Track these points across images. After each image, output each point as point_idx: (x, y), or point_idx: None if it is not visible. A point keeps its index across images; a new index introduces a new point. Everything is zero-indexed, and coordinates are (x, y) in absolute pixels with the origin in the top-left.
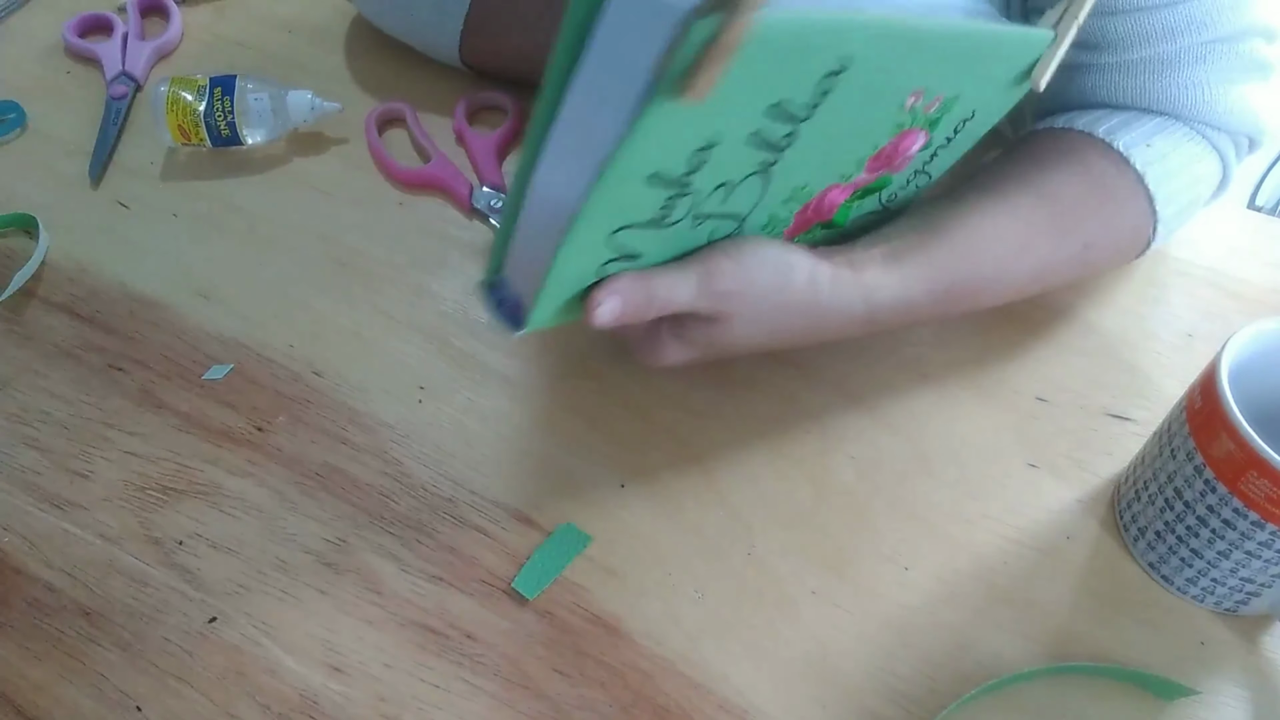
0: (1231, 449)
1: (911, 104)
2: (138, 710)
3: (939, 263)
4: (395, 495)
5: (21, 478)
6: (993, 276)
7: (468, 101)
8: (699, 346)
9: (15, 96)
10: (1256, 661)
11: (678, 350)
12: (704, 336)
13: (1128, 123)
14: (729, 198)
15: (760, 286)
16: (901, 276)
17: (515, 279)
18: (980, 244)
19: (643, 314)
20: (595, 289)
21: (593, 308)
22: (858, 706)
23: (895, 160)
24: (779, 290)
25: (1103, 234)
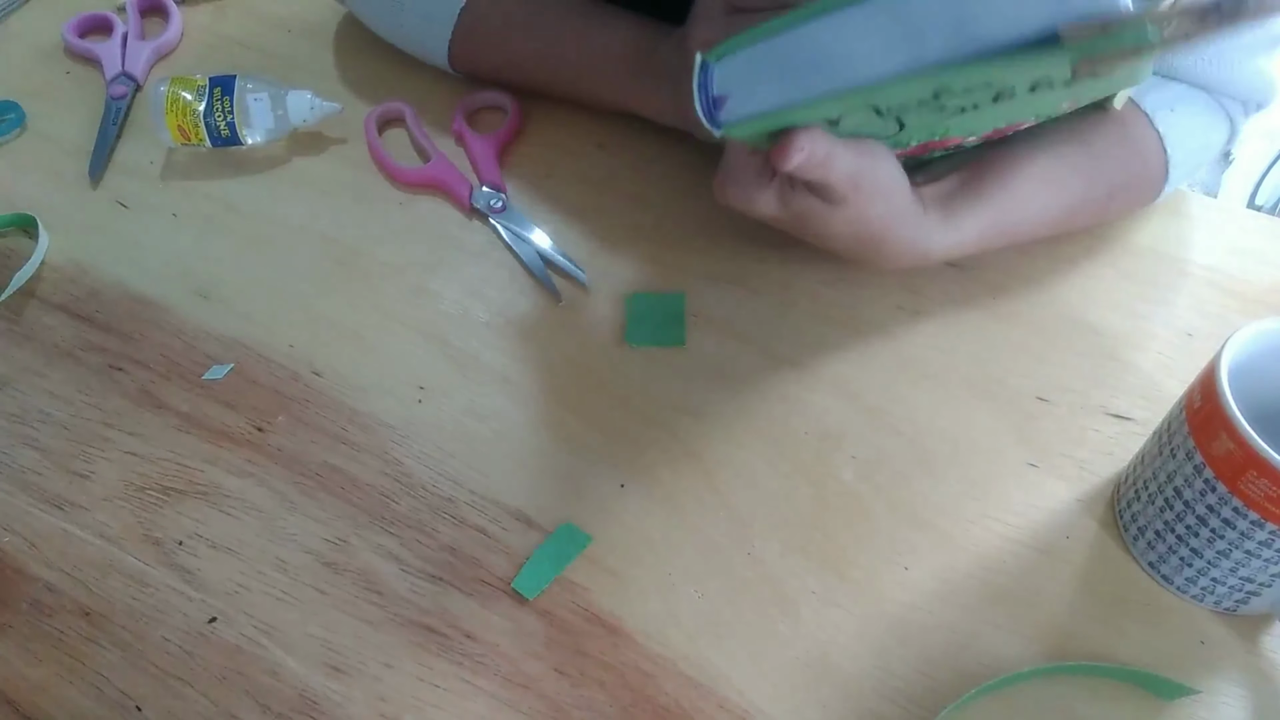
0: (1231, 448)
1: (1064, 108)
2: (138, 710)
3: (990, 212)
4: (395, 495)
5: (21, 478)
6: (1032, 217)
7: (468, 101)
8: (792, 213)
9: (15, 96)
10: (1256, 661)
11: (772, 203)
12: (807, 206)
13: (1154, 86)
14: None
15: (883, 192)
16: (957, 221)
17: (733, 79)
18: (1024, 185)
19: (808, 171)
20: (794, 132)
21: (795, 150)
22: (858, 706)
23: (999, 136)
24: (887, 202)
25: (1125, 184)
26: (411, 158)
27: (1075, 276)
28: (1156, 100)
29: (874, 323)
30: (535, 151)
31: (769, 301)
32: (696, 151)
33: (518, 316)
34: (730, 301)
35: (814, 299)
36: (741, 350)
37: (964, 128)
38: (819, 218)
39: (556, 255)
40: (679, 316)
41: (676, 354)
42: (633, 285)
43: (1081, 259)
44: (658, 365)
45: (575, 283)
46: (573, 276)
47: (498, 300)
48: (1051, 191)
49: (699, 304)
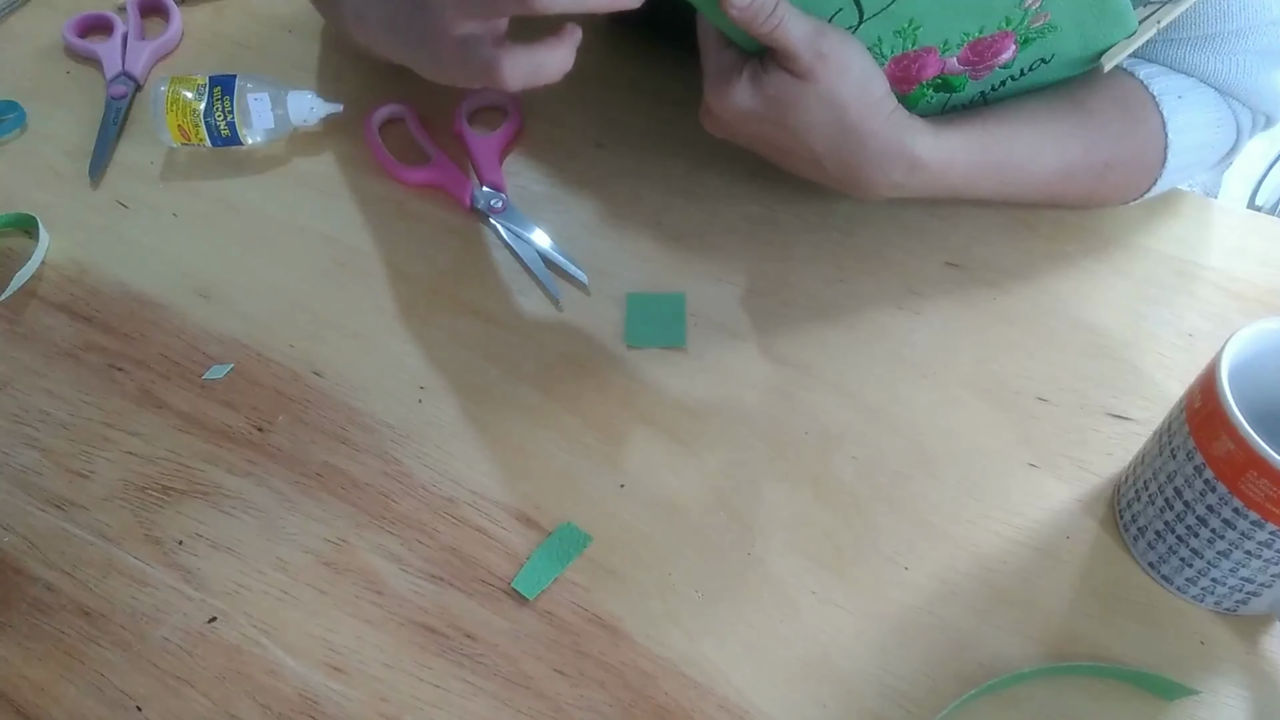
0: (1231, 449)
1: (1027, 4)
2: (138, 710)
3: (982, 133)
4: (395, 495)
5: (21, 478)
6: (1025, 162)
7: (468, 101)
8: (767, 99)
9: (15, 96)
10: (1256, 661)
11: (747, 96)
12: (779, 88)
13: (1165, 73)
14: None
15: (851, 70)
16: (950, 135)
17: None
18: (1020, 128)
19: (760, 22)
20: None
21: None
22: (858, 706)
23: (984, 60)
24: (860, 86)
25: (1123, 160)
26: (411, 158)
27: (1075, 276)
28: (1166, 86)
29: (874, 323)
30: (535, 151)
31: (769, 301)
32: (697, 151)
33: (518, 316)
34: (730, 301)
35: (814, 299)
36: (741, 350)
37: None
38: (793, 100)
39: (556, 255)
40: (679, 316)
41: (676, 354)
42: (633, 285)
43: (1082, 259)
44: (658, 365)
45: (575, 283)
46: (573, 276)
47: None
48: (1048, 144)
49: (699, 304)
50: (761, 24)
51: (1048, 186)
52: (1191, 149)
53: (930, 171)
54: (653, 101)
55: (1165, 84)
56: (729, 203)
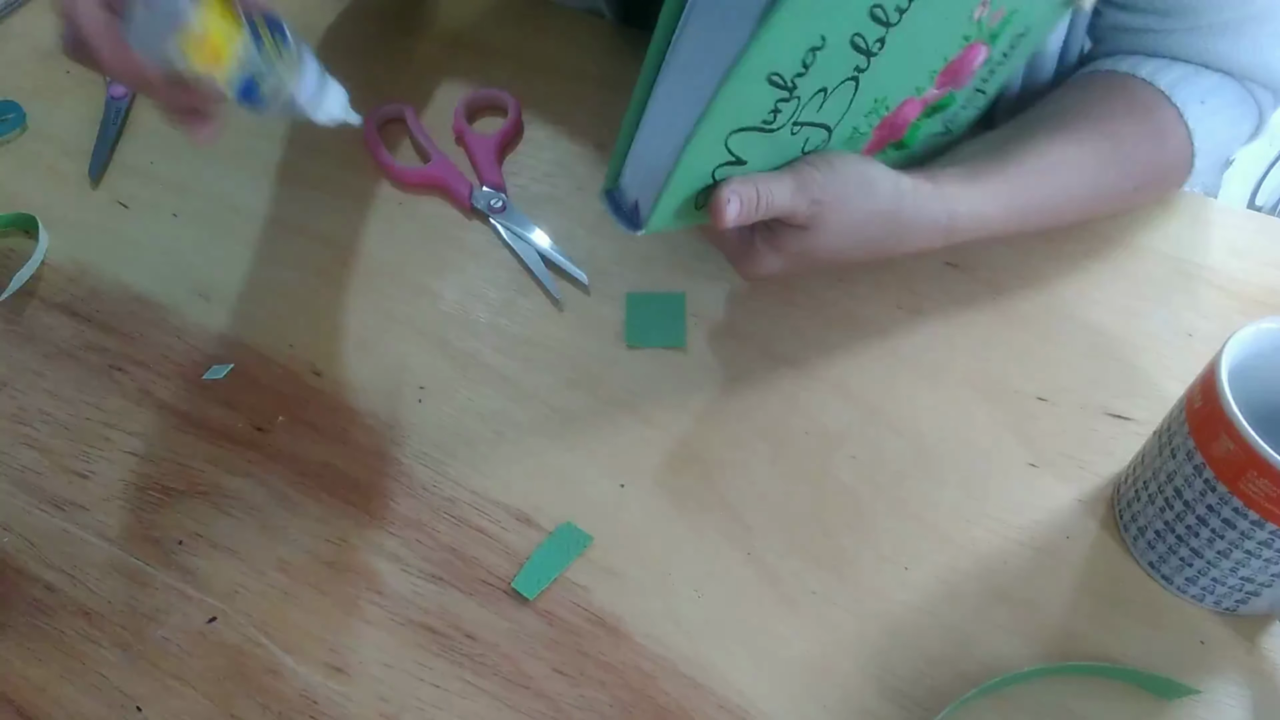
0: (1231, 449)
1: (979, 15)
2: (138, 710)
3: (1014, 183)
4: (395, 495)
5: (21, 478)
6: (1059, 200)
7: (468, 101)
8: (791, 255)
9: (15, 96)
10: (1256, 661)
11: (772, 259)
12: (796, 244)
13: (1187, 78)
14: (824, 104)
15: (849, 193)
16: (980, 192)
17: (632, 186)
18: (1050, 170)
19: (752, 214)
20: (716, 191)
21: (721, 207)
22: (858, 706)
23: (961, 75)
24: (866, 198)
25: (1150, 178)
26: (411, 158)
27: (1075, 276)
28: (1188, 94)
29: (874, 323)
30: (535, 151)
31: (769, 301)
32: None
33: (518, 316)
34: (730, 301)
35: (814, 299)
36: (741, 350)
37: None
38: (814, 246)
39: (556, 255)
40: (679, 316)
41: (676, 354)
42: (633, 285)
43: (1082, 259)
44: (658, 365)
45: (575, 283)
46: (573, 276)
47: (498, 300)
48: (1077, 181)
49: (699, 304)
50: (756, 214)
51: (1082, 214)
52: (1217, 147)
53: (972, 222)
54: None
55: (1188, 92)
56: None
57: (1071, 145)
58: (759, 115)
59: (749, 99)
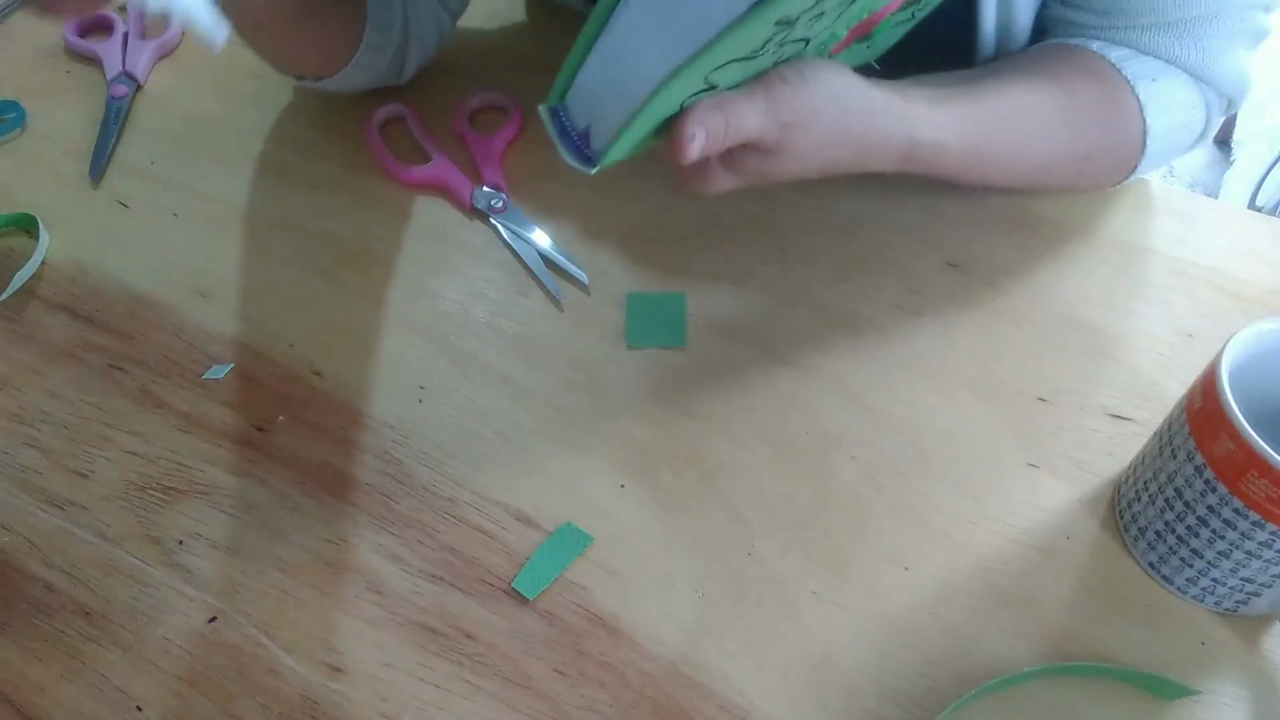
0: (1231, 449)
1: None
2: (138, 710)
3: (977, 117)
4: (395, 495)
5: (21, 478)
6: (1016, 149)
7: (468, 101)
8: (749, 176)
9: (15, 96)
10: (1256, 661)
11: (726, 179)
12: (757, 167)
13: (1136, 56)
14: (814, 25)
15: (821, 112)
16: (944, 117)
17: (581, 109)
18: (1013, 114)
19: (719, 145)
20: (679, 123)
21: (685, 142)
22: (858, 706)
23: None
24: (837, 117)
25: (1105, 146)
26: (411, 158)
27: (1075, 276)
28: (1138, 70)
29: (874, 323)
30: (535, 151)
31: (769, 301)
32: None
33: (518, 316)
34: (730, 301)
35: (814, 299)
36: (741, 350)
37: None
38: (776, 171)
39: (556, 255)
40: (679, 316)
41: (676, 354)
42: (633, 285)
43: (1082, 259)
44: (658, 365)
45: (575, 283)
46: (573, 276)
47: (498, 300)
48: (1038, 135)
49: (699, 304)
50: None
51: (1031, 176)
52: (1168, 132)
53: (930, 151)
54: None
55: (1138, 68)
56: (729, 203)
57: (1033, 93)
58: (748, 49)
59: (747, 40)
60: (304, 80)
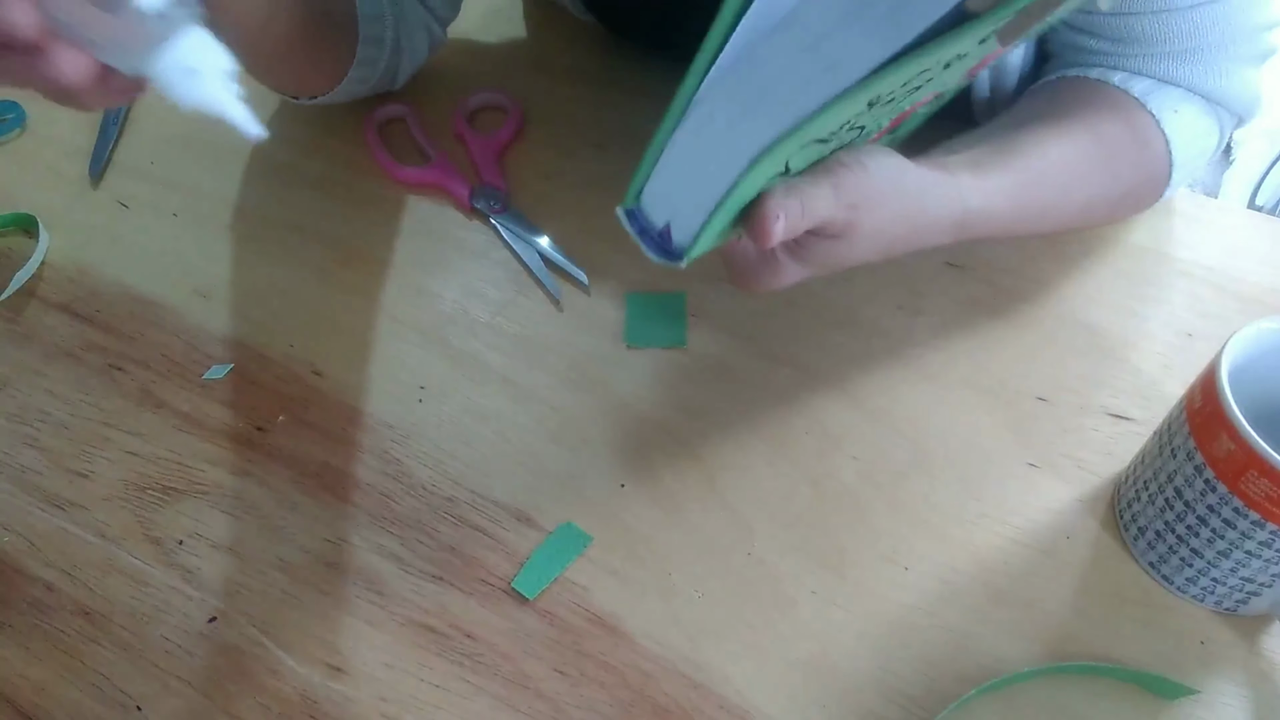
0: (1231, 449)
1: None
2: (138, 710)
3: (1019, 177)
4: (395, 495)
5: (21, 478)
6: (1057, 201)
7: (468, 101)
8: (817, 266)
9: (15, 96)
10: (1256, 661)
11: (795, 271)
12: (826, 254)
13: (1158, 87)
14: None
15: (883, 193)
16: (989, 184)
17: (659, 205)
18: (1051, 168)
19: (796, 228)
20: (759, 208)
21: (768, 226)
22: (858, 706)
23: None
24: (897, 197)
25: (1137, 184)
26: (412, 158)
27: (1075, 276)
28: (1162, 103)
29: (874, 323)
30: (535, 151)
31: (769, 301)
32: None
33: (518, 316)
34: (730, 301)
35: (814, 299)
36: (741, 350)
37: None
38: (845, 255)
39: (556, 255)
40: (679, 316)
41: (676, 354)
42: (633, 285)
43: (1081, 259)
44: (658, 365)
45: (575, 283)
46: (573, 276)
47: (498, 300)
48: (1075, 184)
49: (699, 304)
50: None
51: (1070, 221)
52: (1192, 158)
53: (981, 217)
54: (652, 102)
55: (1161, 100)
56: None
57: (1066, 144)
58: (833, 128)
59: (839, 116)
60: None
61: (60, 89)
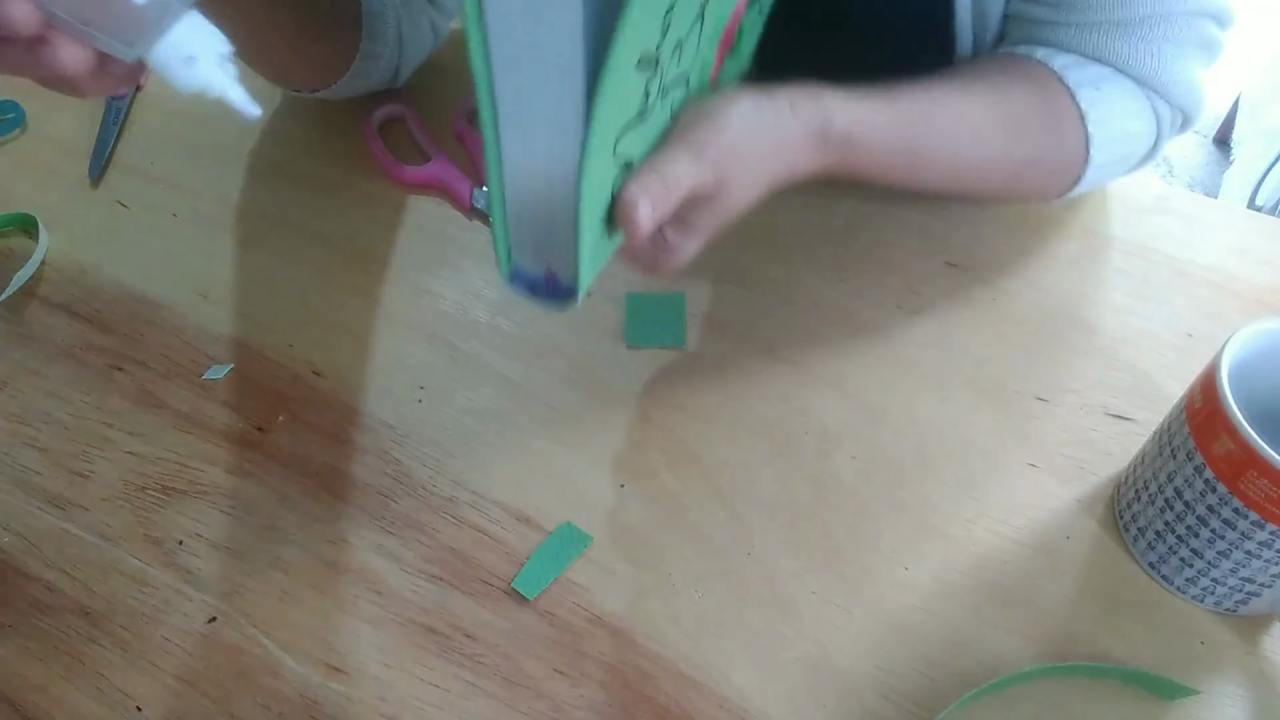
0: (1231, 449)
1: None
2: (138, 710)
3: (897, 110)
4: (395, 495)
5: (21, 478)
6: (944, 149)
7: (468, 101)
8: (706, 230)
9: (15, 96)
10: (1256, 661)
11: (688, 241)
12: (707, 217)
13: (1081, 64)
14: (681, 56)
15: (741, 138)
16: (862, 110)
17: (530, 257)
18: (940, 113)
19: (666, 205)
20: (619, 203)
21: (632, 211)
22: (857, 706)
23: None
24: (757, 135)
25: (1043, 153)
26: (411, 158)
27: (1075, 276)
28: (1081, 78)
29: (874, 323)
30: None
31: (769, 301)
32: None
33: (518, 316)
34: (730, 301)
35: (814, 299)
36: (741, 350)
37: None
38: (724, 211)
39: None
40: (679, 316)
41: (676, 354)
42: (633, 285)
43: (1081, 259)
44: (658, 365)
45: None
46: None
47: (498, 300)
48: (967, 137)
49: (699, 304)
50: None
51: (963, 180)
52: (1113, 141)
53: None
54: None
55: (1081, 75)
56: None
57: (966, 99)
58: (634, 108)
59: (622, 96)
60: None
61: (59, 78)
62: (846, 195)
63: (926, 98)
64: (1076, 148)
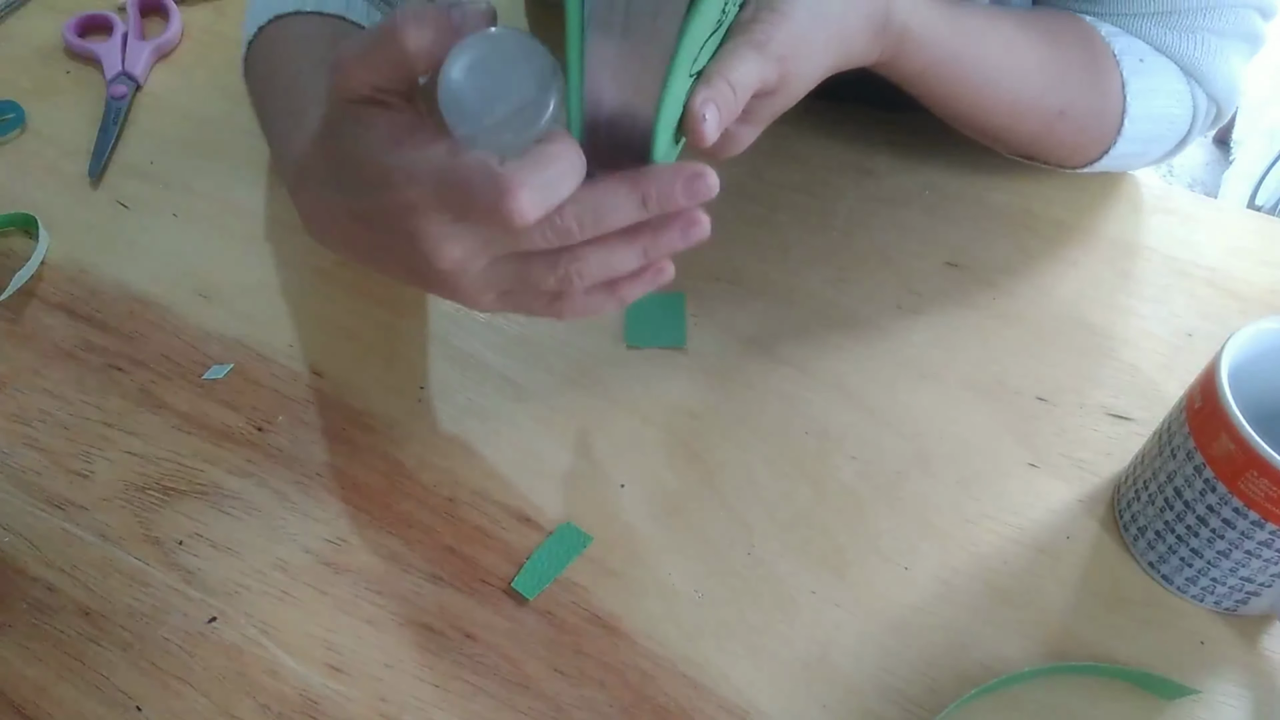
0: (1231, 449)
1: None
2: (138, 710)
3: (956, 25)
4: (395, 495)
5: (21, 478)
6: (990, 70)
7: None
8: (766, 119)
9: (15, 96)
10: (1256, 661)
11: (749, 134)
12: (769, 107)
13: (1125, 34)
14: None
15: (807, 31)
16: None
17: None
18: (994, 36)
19: (735, 109)
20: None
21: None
22: (858, 706)
23: None
24: (820, 25)
25: (1080, 108)
26: None
27: (1075, 276)
28: (1126, 47)
29: (874, 323)
30: None
31: (769, 301)
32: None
33: (518, 316)
34: (730, 301)
35: (814, 299)
36: (741, 350)
37: None
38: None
39: None
40: (679, 316)
41: (676, 354)
42: None
43: (1081, 259)
44: (658, 365)
45: None
46: None
47: None
48: (1014, 61)
49: (699, 304)
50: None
51: (999, 111)
52: (1149, 118)
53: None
54: None
55: (1126, 44)
56: (729, 203)
57: (1020, 33)
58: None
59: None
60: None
61: None
62: (846, 195)
63: (984, 15)
64: (1112, 111)
